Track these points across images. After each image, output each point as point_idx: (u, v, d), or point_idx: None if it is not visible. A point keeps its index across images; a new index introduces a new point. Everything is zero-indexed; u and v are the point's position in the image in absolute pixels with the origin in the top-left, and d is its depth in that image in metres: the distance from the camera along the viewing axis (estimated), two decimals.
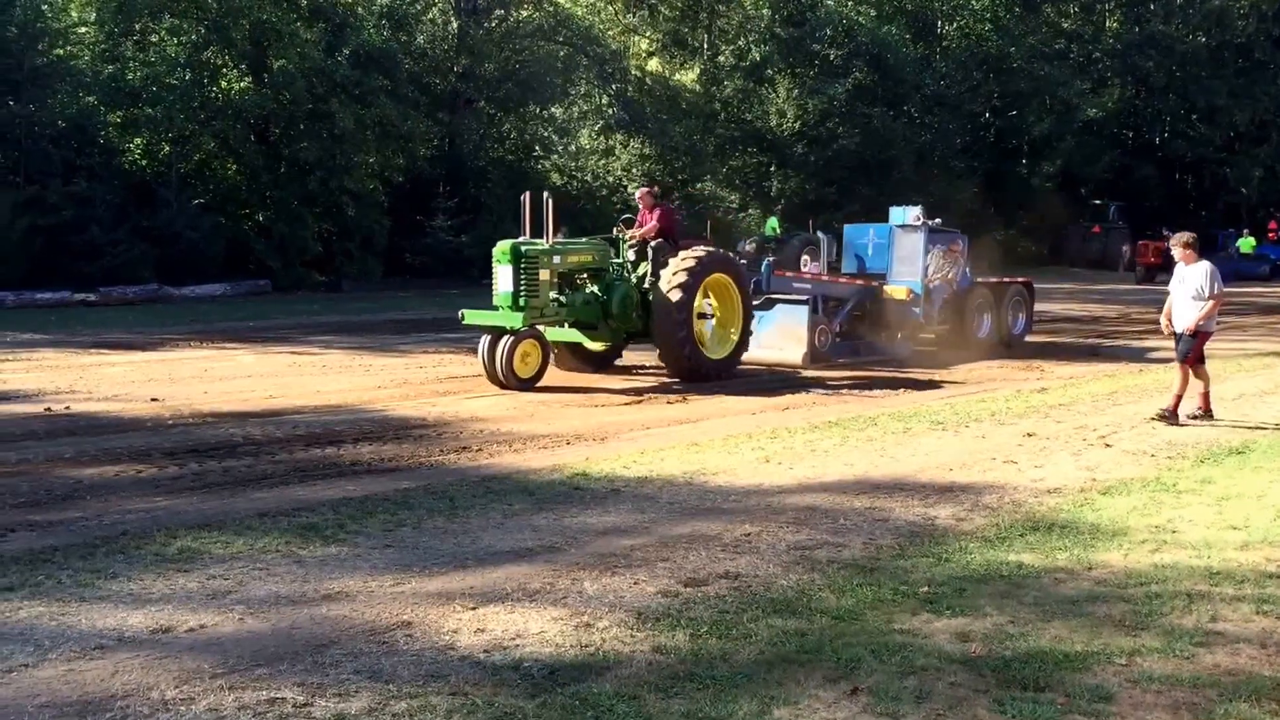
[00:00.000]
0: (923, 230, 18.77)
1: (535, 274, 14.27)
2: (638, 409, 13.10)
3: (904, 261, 18.84)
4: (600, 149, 43.09)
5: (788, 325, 17.12)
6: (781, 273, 18.04)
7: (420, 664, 5.35)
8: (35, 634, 5.63)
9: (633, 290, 15.32)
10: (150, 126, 30.27)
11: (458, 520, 7.97)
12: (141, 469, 9.47)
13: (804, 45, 44.55)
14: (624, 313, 15.24)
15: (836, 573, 6.80)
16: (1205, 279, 11.96)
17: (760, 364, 16.68)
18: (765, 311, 17.07)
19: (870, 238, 19.59)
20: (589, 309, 15.17)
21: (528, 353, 14.01)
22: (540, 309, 14.39)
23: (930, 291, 18.68)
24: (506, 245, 14.38)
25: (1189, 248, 12.22)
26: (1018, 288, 20.52)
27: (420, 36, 37.20)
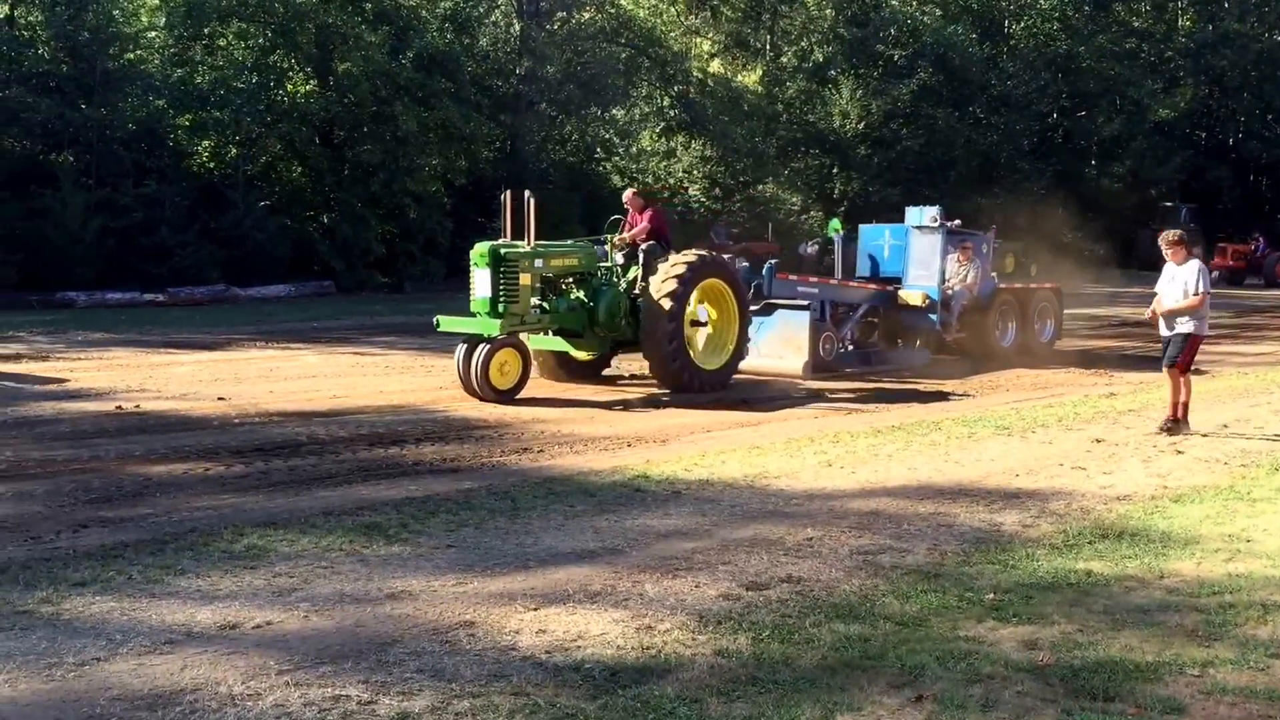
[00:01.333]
0: (941, 232, 17.75)
1: (515, 278, 13.40)
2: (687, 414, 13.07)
3: (920, 265, 17.87)
4: (661, 151, 43.09)
5: (788, 332, 15.99)
6: (785, 276, 16.99)
7: (483, 664, 5.37)
8: (107, 628, 5.72)
9: (621, 296, 14.43)
10: (218, 129, 30.70)
11: (519, 521, 8.00)
12: (209, 467, 9.60)
13: (868, 45, 44.26)
14: (611, 320, 14.31)
15: (900, 578, 6.74)
16: (1193, 277, 11.47)
17: (759, 374, 15.65)
18: (765, 317, 16.07)
19: (886, 239, 18.65)
20: (574, 316, 14.28)
21: (505, 362, 13.14)
22: (521, 315, 13.54)
23: (948, 297, 17.67)
24: (484, 247, 13.49)
25: (1179, 245, 11.66)
26: (1045, 293, 19.48)
27: (483, 39, 37.42)
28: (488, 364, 12.94)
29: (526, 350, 13.55)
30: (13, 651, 5.38)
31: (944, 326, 17.62)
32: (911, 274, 17.85)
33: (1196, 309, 11.53)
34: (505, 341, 13.18)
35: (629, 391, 14.39)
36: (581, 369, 15.02)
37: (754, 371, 15.57)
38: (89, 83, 28.06)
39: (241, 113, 30.23)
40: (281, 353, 18.19)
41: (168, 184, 28.60)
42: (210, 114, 30.38)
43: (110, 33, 28.79)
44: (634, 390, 14.50)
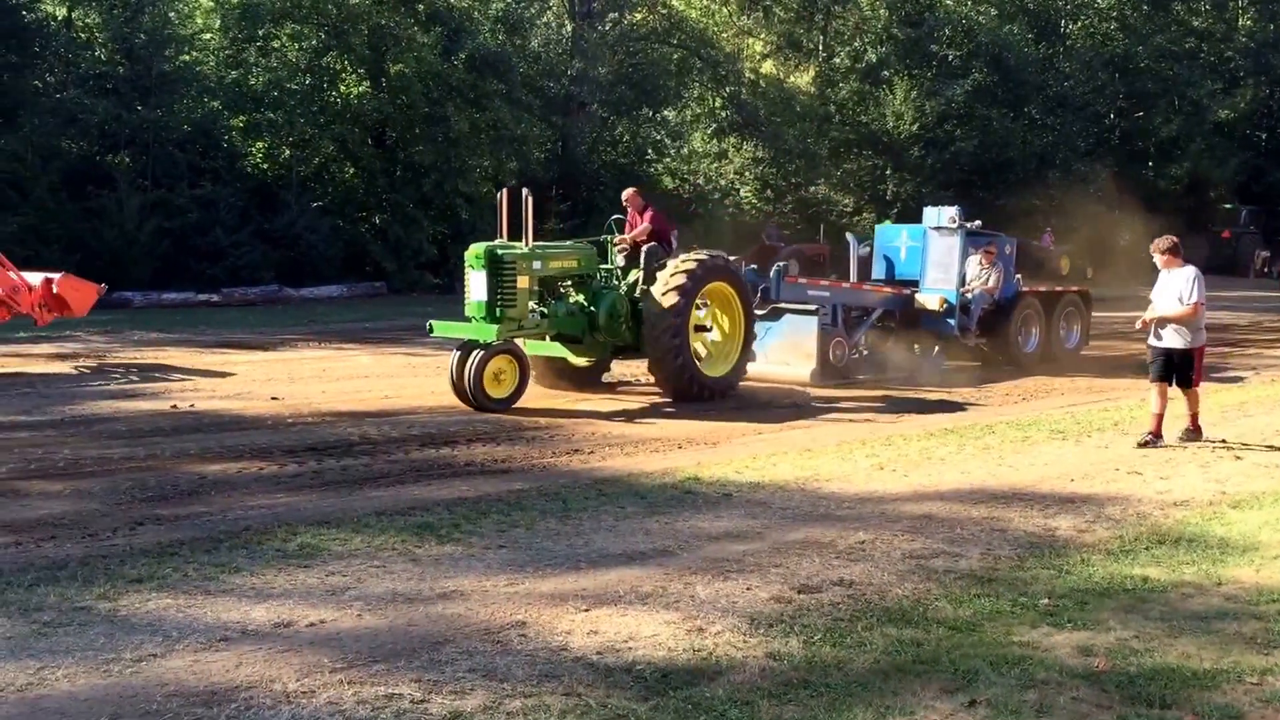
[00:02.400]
0: (960, 233, 16.90)
1: (513, 281, 12.74)
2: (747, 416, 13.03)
3: (938, 267, 17.03)
4: (713, 152, 43.00)
5: (796, 338, 15.41)
6: (794, 279, 16.37)
7: (534, 664, 5.38)
8: (163, 625, 5.78)
9: (622, 299, 13.77)
10: (272, 130, 30.99)
11: (570, 522, 8.01)
12: (263, 466, 9.69)
13: (922, 46, 43.93)
14: (613, 324, 13.66)
15: (953, 583, 6.68)
16: (1187, 285, 10.89)
17: (766, 380, 15.06)
18: (773, 322, 15.50)
19: (902, 240, 17.82)
20: (573, 320, 13.62)
21: (501, 370, 12.56)
22: (518, 320, 12.90)
23: (968, 301, 16.92)
24: (480, 248, 12.87)
25: (1171, 253, 11.13)
26: (1071, 297, 18.47)
27: (534, 40, 37.52)
28: (482, 371, 12.34)
29: (524, 357, 12.91)
30: (71, 647, 5.45)
31: (962, 332, 16.89)
32: (929, 277, 17.10)
33: (1190, 319, 10.92)
34: (501, 348, 12.55)
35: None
36: (580, 376, 14.47)
37: (761, 378, 15.04)
38: (145, 84, 28.42)
39: (295, 114, 30.50)
40: (334, 353, 18.34)
41: (222, 185, 28.91)
42: (264, 115, 30.68)
43: (166, 35, 29.15)
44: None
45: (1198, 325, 11.04)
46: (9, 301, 15.59)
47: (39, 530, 7.52)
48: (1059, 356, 17.70)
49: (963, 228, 16.87)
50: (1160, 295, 11.20)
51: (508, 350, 12.64)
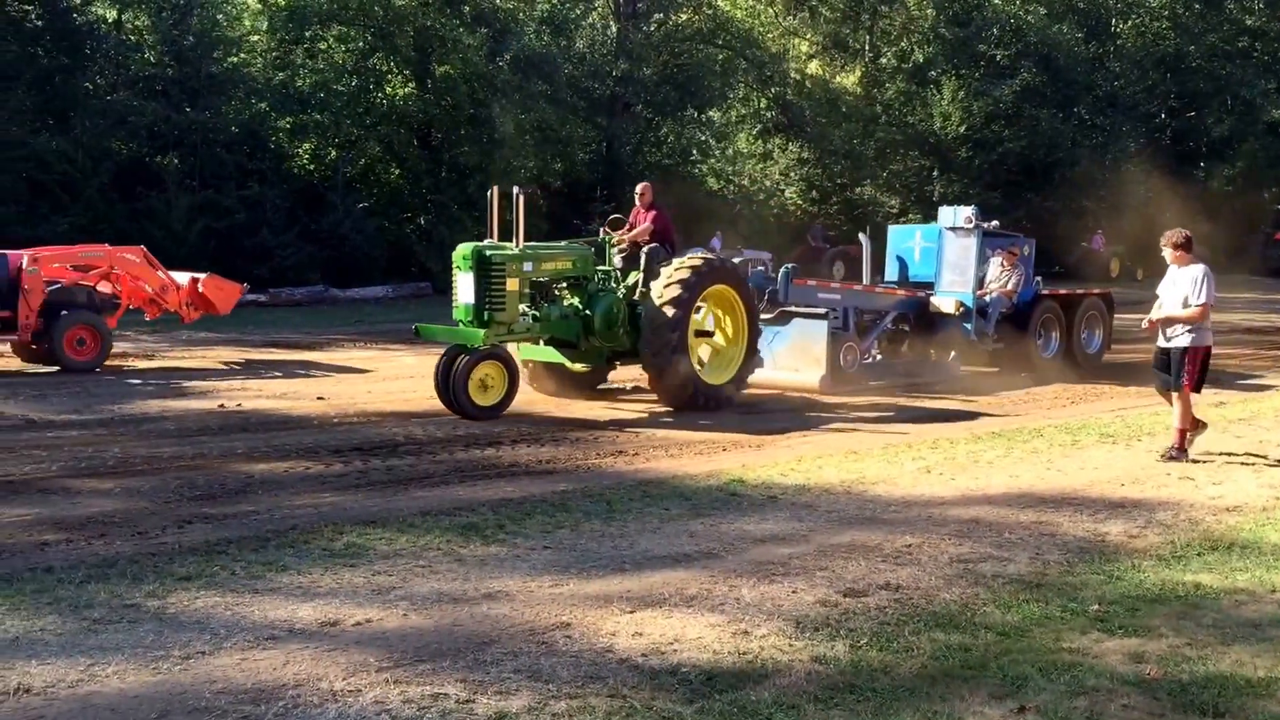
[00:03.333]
0: (976, 234, 16.33)
1: (501, 283, 12.27)
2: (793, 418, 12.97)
3: (954, 269, 16.46)
4: (758, 153, 42.92)
5: (804, 343, 14.72)
6: (803, 282, 15.54)
7: (579, 665, 5.37)
8: (211, 623, 5.82)
9: (619, 303, 13.22)
10: (318, 132, 31.23)
11: (615, 524, 8.00)
12: (309, 465, 9.75)
13: (970, 45, 43.61)
14: (609, 328, 13.13)
15: (1002, 588, 6.61)
16: (1194, 285, 10.23)
17: (774, 387, 14.58)
18: (781, 327, 14.84)
19: (916, 241, 17.28)
20: (567, 324, 13.12)
21: (489, 375, 12.09)
22: (508, 324, 12.41)
23: (985, 304, 16.35)
24: (468, 249, 12.39)
25: (1183, 249, 10.45)
26: (1093, 300, 17.74)
27: (580, 41, 37.60)
28: (468, 377, 11.90)
29: (512, 362, 12.45)
30: (121, 644, 5.50)
31: (979, 336, 16.25)
32: (945, 279, 16.53)
33: (1197, 320, 10.29)
34: (488, 353, 12.09)
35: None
36: (576, 382, 13.91)
37: (768, 385, 14.52)
38: (194, 86, 28.72)
39: (341, 115, 30.74)
40: (379, 353, 18.46)
41: (269, 186, 29.17)
42: (311, 117, 30.93)
43: (214, 37, 29.46)
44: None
45: (1203, 326, 10.38)
46: (158, 300, 16.81)
47: (89, 528, 7.60)
48: (1080, 362, 17.09)
49: (979, 228, 16.35)
50: (1168, 293, 10.55)
51: (495, 355, 12.19)
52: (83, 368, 15.25)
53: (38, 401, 12.83)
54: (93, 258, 16.56)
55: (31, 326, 15.27)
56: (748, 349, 13.54)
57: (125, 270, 16.56)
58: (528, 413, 12.69)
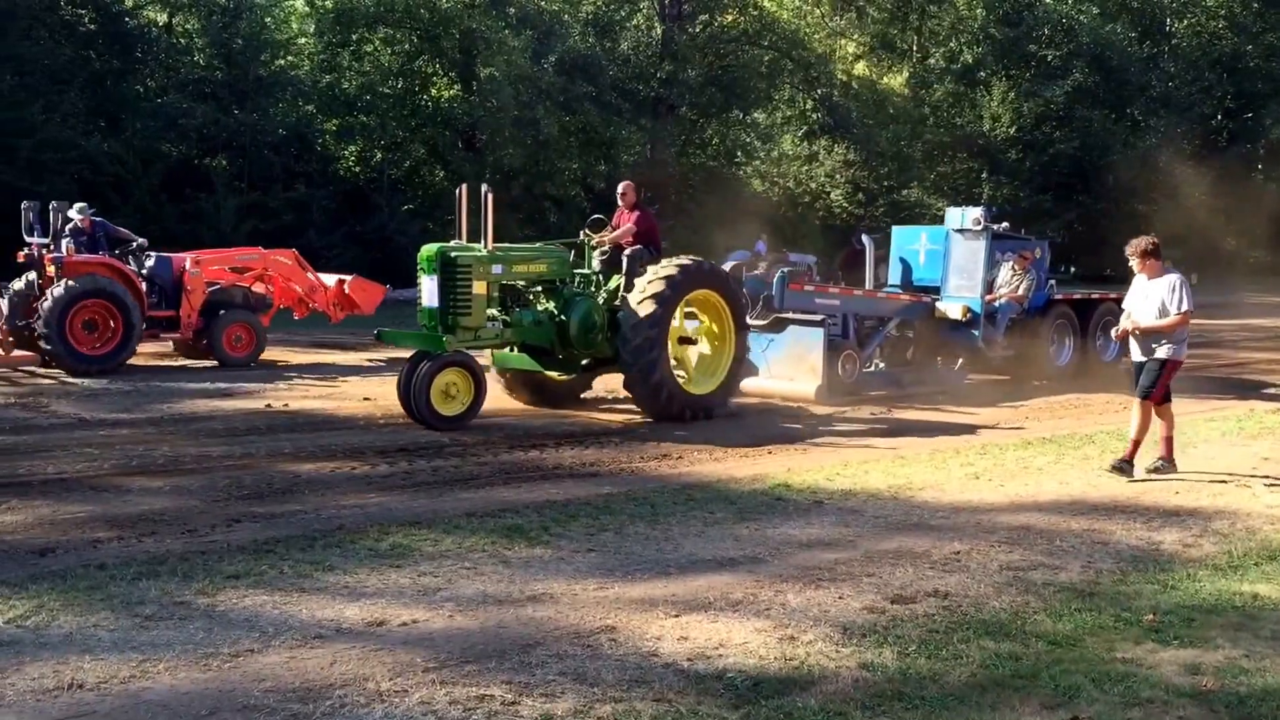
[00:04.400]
0: (985, 236, 15.56)
1: (467, 286, 11.71)
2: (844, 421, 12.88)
3: (961, 273, 15.69)
4: (803, 155, 42.77)
5: (799, 351, 14.03)
6: (799, 286, 14.63)
7: (624, 669, 5.35)
8: (259, 621, 5.85)
9: (598, 308, 12.60)
10: (364, 134, 31.46)
11: (659, 527, 7.97)
12: (355, 466, 9.79)
13: (1020, 46, 43.27)
14: (586, 335, 12.50)
15: (1053, 596, 6.53)
16: (1171, 294, 9.73)
17: (768, 396, 14.05)
18: (776, 334, 14.26)
19: (921, 243, 16.58)
20: (540, 330, 12.50)
21: (452, 383, 11.54)
22: (474, 330, 11.87)
23: (994, 310, 15.63)
24: (432, 249, 11.85)
25: (1151, 256, 9.93)
26: (1109, 305, 16.46)
27: (624, 43, 37.63)
28: (429, 385, 11.33)
29: (478, 370, 11.77)
30: (172, 641, 5.54)
31: (988, 343, 15.54)
32: (951, 283, 15.79)
33: (1176, 330, 9.81)
34: (451, 359, 11.53)
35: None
36: (557, 391, 13.30)
37: (763, 394, 14.05)
38: (242, 89, 29.01)
39: (387, 117, 30.95)
40: None
41: (315, 187, 29.43)
42: (357, 119, 31.16)
43: (262, 40, 29.78)
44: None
45: (1180, 337, 9.89)
46: (307, 300, 17.74)
47: (140, 525, 7.67)
48: (1095, 370, 16.35)
49: (988, 229, 15.61)
50: (1137, 304, 10.03)
51: (459, 362, 11.60)
52: (239, 363, 16.31)
53: (89, 401, 12.98)
54: (248, 260, 17.72)
55: (193, 325, 16.49)
56: (735, 357, 12.93)
57: (278, 272, 17.63)
58: (569, 415, 12.71)
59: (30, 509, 8.07)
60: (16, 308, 15.54)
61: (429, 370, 11.36)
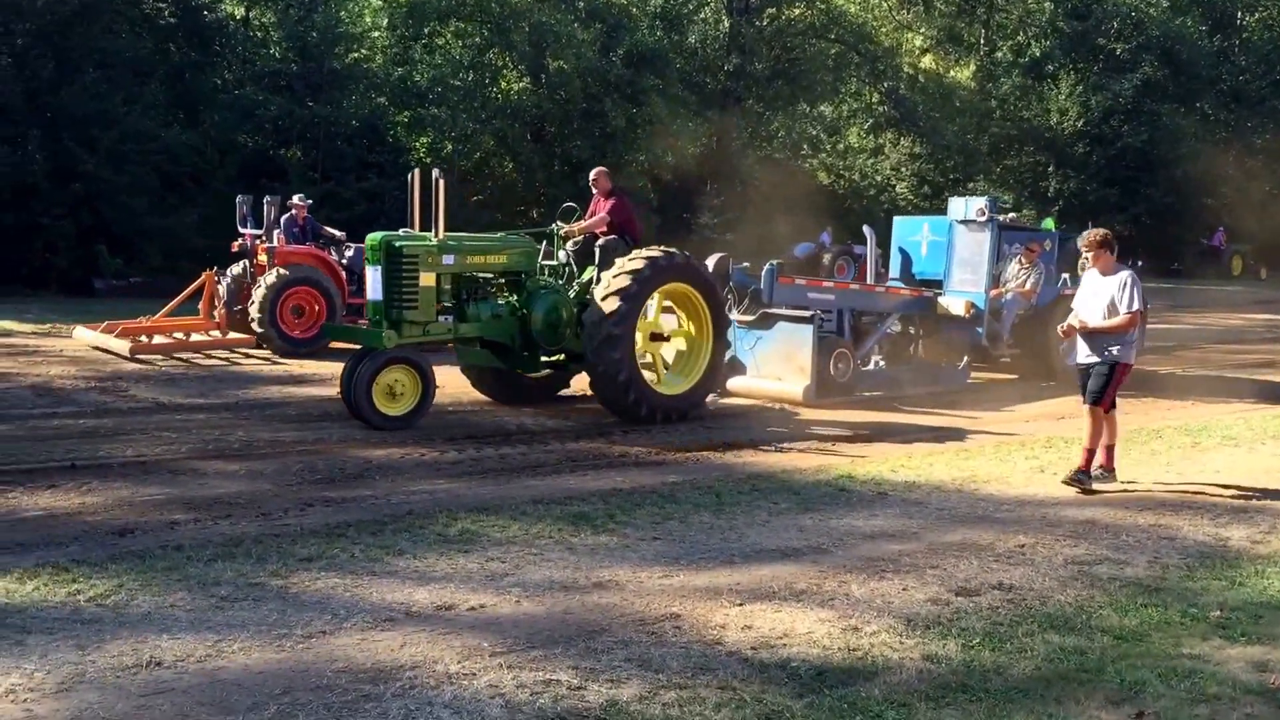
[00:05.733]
0: (990, 227, 14.80)
1: (414, 278, 11.08)
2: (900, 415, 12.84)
3: (965, 266, 14.94)
4: (869, 148, 42.54)
5: (788, 349, 13.27)
6: (789, 280, 13.94)
7: (689, 656, 5.41)
8: (331, 603, 5.99)
9: (566, 302, 11.97)
10: (435, 126, 31.69)
11: (724, 516, 8.03)
12: (424, 453, 9.94)
13: (1088, 39, 42.69)
14: (552, 330, 11.84)
15: (1119, 591, 6.50)
16: (1121, 291, 9.05)
17: (755, 396, 13.39)
18: (764, 331, 13.49)
19: (923, 234, 15.74)
20: (500, 325, 11.82)
21: (397, 381, 10.96)
22: (423, 324, 11.25)
23: (1000, 306, 14.92)
24: (376, 239, 11.24)
25: (1104, 248, 9.25)
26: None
27: (692, 36, 37.61)
28: (371, 383, 10.77)
29: (425, 366, 11.14)
30: (246, 621, 5.68)
31: (992, 341, 14.81)
32: (955, 277, 15.05)
33: (1125, 330, 9.15)
34: (396, 356, 10.95)
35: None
36: (530, 388, 12.74)
37: (749, 394, 13.43)
38: (316, 81, 29.34)
39: (458, 110, 31.16)
40: None
41: (387, 178, 29.66)
42: (428, 111, 31.40)
43: (337, 33, 30.05)
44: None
45: (1131, 339, 9.27)
46: None
47: (216, 508, 7.86)
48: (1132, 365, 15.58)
49: (993, 221, 14.84)
50: (1087, 303, 9.35)
51: (403, 359, 11.01)
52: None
53: (167, 386, 13.26)
54: None
55: None
56: (712, 356, 12.27)
57: None
58: None
59: (110, 490, 8.30)
60: (233, 293, 16.56)
61: (370, 368, 10.82)
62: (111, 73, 25.57)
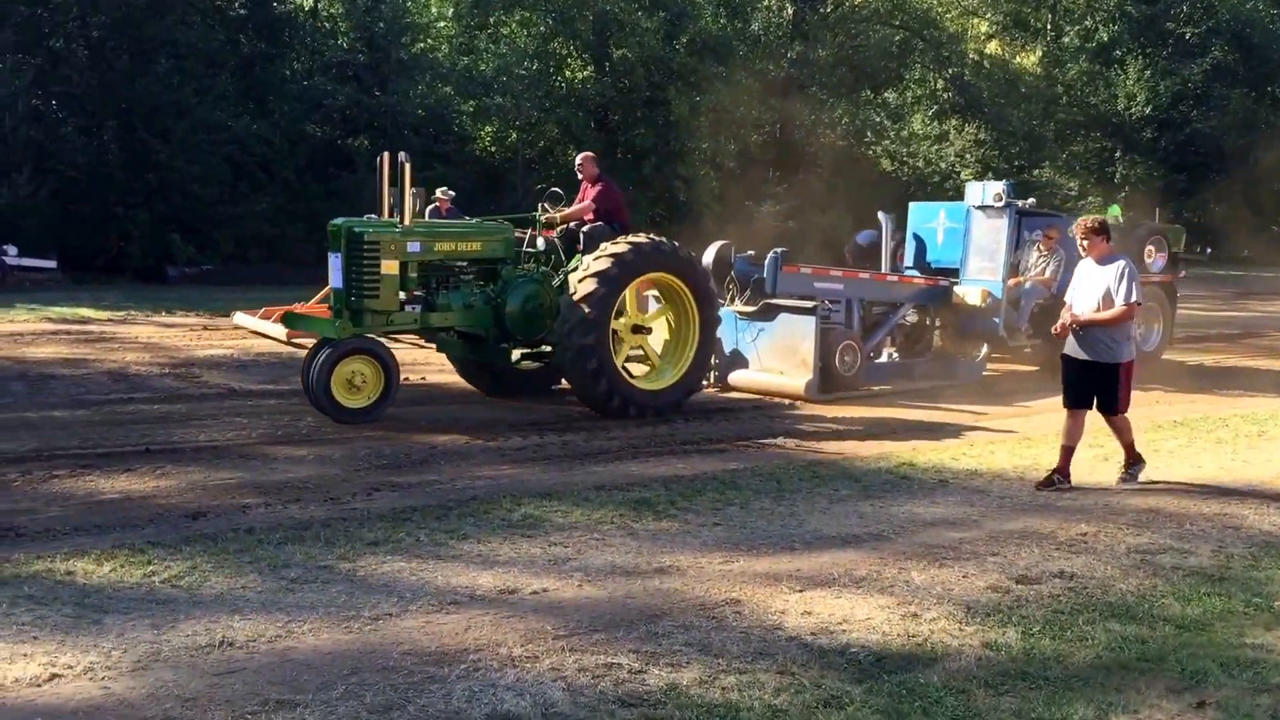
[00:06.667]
0: (1008, 213, 14.11)
1: (375, 265, 10.54)
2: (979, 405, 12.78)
3: (982, 254, 14.24)
4: (933, 134, 42.18)
5: (790, 341, 12.70)
6: (795, 269, 13.29)
7: (749, 641, 5.47)
8: (398, 586, 6.11)
9: (547, 291, 11.41)
10: (500, 115, 31.89)
11: (784, 503, 8.07)
12: (488, 439, 10.07)
13: (1157, 23, 42.05)
14: (529, 322, 11.32)
15: (1182, 580, 6.47)
16: (1118, 282, 8.45)
17: (756, 391, 12.85)
18: (766, 322, 12.94)
19: (940, 220, 15.06)
20: (472, 315, 11.27)
21: (358, 372, 10.42)
22: (386, 314, 10.74)
23: (1018, 295, 14.25)
24: (337, 224, 10.77)
25: (1100, 235, 8.68)
26: (1151, 289, 14.74)
27: (755, 23, 37.50)
28: (329, 374, 10.25)
29: (388, 357, 10.61)
30: (315, 603, 5.82)
31: (1010, 332, 14.17)
32: (971, 265, 14.34)
33: (1120, 323, 8.56)
34: (355, 346, 10.47)
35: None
36: (520, 380, 12.34)
37: (750, 388, 12.89)
38: (383, 71, 29.64)
39: (522, 99, 31.33)
40: None
41: (453, 168, 29.89)
42: (493, 100, 31.59)
43: (404, 23, 30.33)
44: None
45: (1128, 333, 8.75)
46: None
47: (286, 492, 8.03)
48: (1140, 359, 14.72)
49: (1011, 206, 14.17)
50: (1080, 291, 8.76)
51: (364, 350, 10.51)
52: None
53: (239, 372, 13.53)
54: None
55: None
56: (698, 349, 11.65)
57: None
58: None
59: (183, 474, 8.50)
60: None
61: (327, 359, 10.31)
62: (184, 64, 26.03)
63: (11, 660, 4.99)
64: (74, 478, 8.29)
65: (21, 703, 4.62)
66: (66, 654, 5.07)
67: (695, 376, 11.76)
